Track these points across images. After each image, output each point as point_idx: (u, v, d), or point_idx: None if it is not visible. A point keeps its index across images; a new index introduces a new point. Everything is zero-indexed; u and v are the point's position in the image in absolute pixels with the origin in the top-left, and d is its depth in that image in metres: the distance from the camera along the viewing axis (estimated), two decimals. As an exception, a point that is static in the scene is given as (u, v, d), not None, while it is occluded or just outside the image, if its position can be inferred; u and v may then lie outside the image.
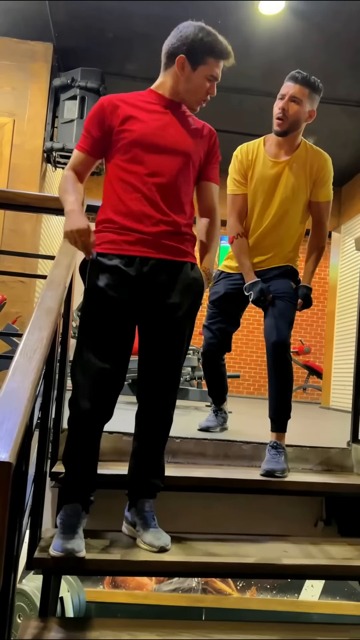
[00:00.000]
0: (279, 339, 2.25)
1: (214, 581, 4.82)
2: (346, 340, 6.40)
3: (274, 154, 2.36)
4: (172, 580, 4.77)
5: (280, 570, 1.88)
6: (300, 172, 2.33)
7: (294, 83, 2.26)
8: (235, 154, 2.43)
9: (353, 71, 4.58)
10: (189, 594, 4.68)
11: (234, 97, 5.16)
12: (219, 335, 2.57)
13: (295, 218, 2.39)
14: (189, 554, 1.81)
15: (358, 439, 2.44)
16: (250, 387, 9.13)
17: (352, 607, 4.58)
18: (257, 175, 2.36)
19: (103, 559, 1.74)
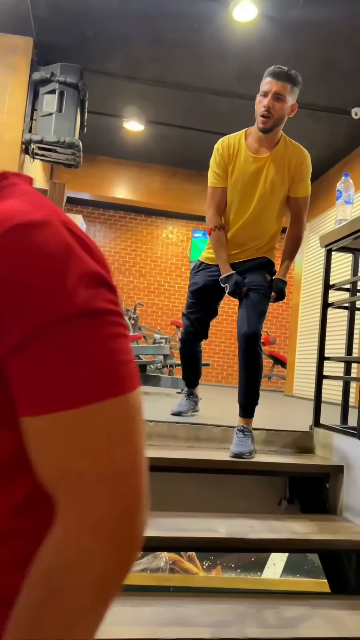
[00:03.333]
0: (250, 330, 2.27)
1: (181, 561, 4.88)
2: (309, 332, 6.53)
3: (255, 149, 2.34)
4: (140, 560, 4.81)
5: (247, 544, 1.93)
6: (279, 168, 2.33)
7: (276, 80, 2.21)
8: (216, 147, 2.40)
9: (320, 78, 4.65)
10: (157, 573, 4.73)
11: (209, 98, 5.18)
12: (196, 324, 2.60)
13: (273, 213, 2.40)
14: (162, 529, 1.85)
15: (319, 423, 2.51)
16: (219, 376, 9.23)
17: (312, 583, 4.70)
18: (238, 170, 2.35)
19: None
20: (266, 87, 2.23)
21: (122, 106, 5.60)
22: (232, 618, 1.58)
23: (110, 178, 7.03)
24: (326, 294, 2.58)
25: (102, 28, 4.27)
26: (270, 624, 1.57)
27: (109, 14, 4.08)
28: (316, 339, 2.62)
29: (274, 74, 2.22)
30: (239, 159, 2.34)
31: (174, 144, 6.37)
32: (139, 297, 9.27)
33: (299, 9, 3.83)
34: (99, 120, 5.78)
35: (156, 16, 4.07)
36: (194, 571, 4.83)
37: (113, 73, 4.90)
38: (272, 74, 2.22)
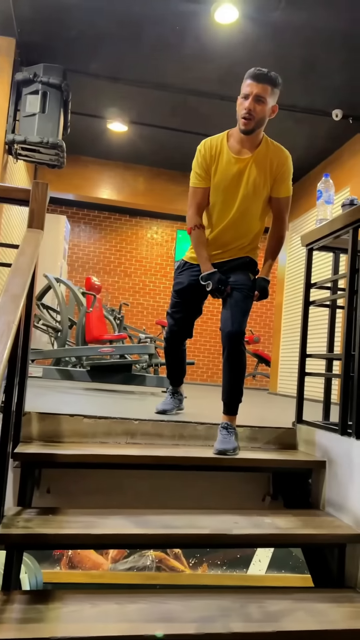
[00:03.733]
0: (234, 329, 2.28)
1: (167, 559, 4.89)
2: (292, 330, 6.58)
3: (237, 150, 2.34)
4: (127, 559, 4.80)
5: (232, 540, 1.94)
6: (261, 169, 2.34)
7: (257, 82, 2.21)
8: (199, 148, 2.39)
9: (301, 80, 4.69)
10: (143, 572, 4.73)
11: (192, 99, 5.19)
12: (181, 323, 2.60)
13: (255, 214, 2.41)
14: (148, 526, 1.85)
15: (302, 420, 2.53)
16: (204, 375, 9.25)
17: (297, 579, 4.75)
18: (220, 171, 2.35)
19: (64, 533, 1.75)
20: (247, 89, 2.23)
21: (106, 107, 5.59)
22: (217, 613, 1.59)
23: (95, 178, 7.01)
24: (308, 292, 2.61)
25: (85, 29, 4.26)
26: (254, 619, 1.58)
27: (92, 14, 4.07)
28: (299, 337, 2.64)
29: (254, 76, 2.21)
30: (221, 160, 2.35)
31: (158, 145, 6.37)
32: (124, 297, 9.25)
33: (279, 12, 3.86)
34: (83, 121, 5.76)
35: (139, 17, 4.07)
36: (180, 569, 4.84)
37: (96, 74, 4.89)
38: (252, 77, 2.22)
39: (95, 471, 2.22)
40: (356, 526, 1.97)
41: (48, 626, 1.42)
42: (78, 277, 9.18)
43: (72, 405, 2.78)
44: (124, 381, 4.55)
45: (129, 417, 2.35)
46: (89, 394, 3.66)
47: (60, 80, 4.48)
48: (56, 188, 6.79)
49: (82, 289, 5.20)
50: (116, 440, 2.30)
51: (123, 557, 4.78)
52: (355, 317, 2.15)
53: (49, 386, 3.98)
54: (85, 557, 4.76)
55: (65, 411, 2.31)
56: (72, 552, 4.73)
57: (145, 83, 5.01)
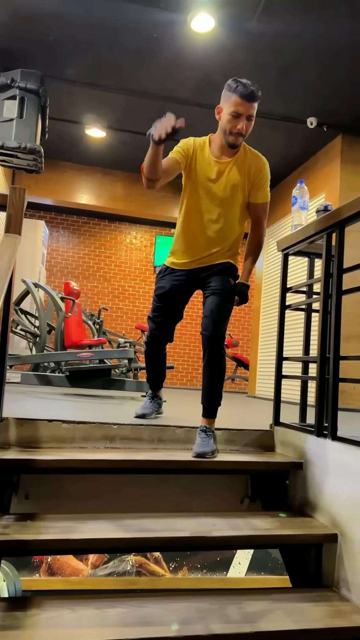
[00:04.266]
0: (214, 332, 2.29)
1: (147, 563, 4.86)
2: (270, 334, 6.63)
3: (217, 155, 2.38)
4: (107, 564, 4.76)
5: (211, 542, 1.94)
6: (240, 175, 2.37)
7: (248, 102, 2.23)
8: (185, 140, 2.40)
9: (277, 89, 4.75)
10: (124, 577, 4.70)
11: (170, 106, 5.20)
12: (162, 327, 2.60)
13: (234, 218, 2.43)
14: (127, 530, 1.84)
15: (279, 422, 2.55)
16: (183, 379, 9.25)
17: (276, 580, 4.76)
18: (200, 170, 2.37)
19: (43, 539, 1.73)
20: (239, 109, 2.24)
21: (84, 113, 5.58)
22: (196, 615, 1.59)
23: (73, 183, 6.98)
24: (284, 297, 2.64)
25: (62, 35, 4.25)
26: (233, 620, 1.59)
27: (69, 20, 4.06)
28: (276, 341, 2.66)
29: (246, 96, 2.22)
30: (203, 159, 2.38)
31: (136, 151, 6.37)
32: (104, 302, 9.21)
33: (254, 22, 3.91)
34: (61, 126, 5.74)
35: (116, 24, 4.08)
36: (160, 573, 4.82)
37: (74, 80, 4.88)
38: (243, 96, 2.22)
39: (74, 476, 2.21)
40: (332, 526, 1.99)
41: (26, 633, 1.41)
42: (57, 282, 9.11)
43: (51, 411, 2.75)
44: (103, 386, 4.53)
45: (108, 422, 2.34)
46: (68, 399, 3.63)
47: (38, 85, 4.46)
48: (34, 193, 6.74)
49: (61, 294, 5.17)
50: (95, 445, 2.29)
51: (103, 563, 4.74)
52: (330, 320, 2.18)
53: (27, 392, 3.94)
54: (65, 563, 4.70)
55: (44, 416, 2.29)
56: (51, 558, 4.68)
57: (122, 90, 5.02)
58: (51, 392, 4.16)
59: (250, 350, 7.63)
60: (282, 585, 3.22)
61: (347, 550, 1.88)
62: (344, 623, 1.65)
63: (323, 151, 5.76)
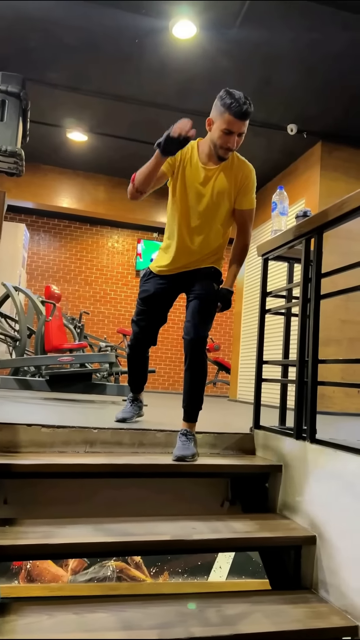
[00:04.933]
0: (196, 336, 2.30)
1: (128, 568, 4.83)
2: (251, 338, 6.67)
3: (205, 161, 2.37)
4: (87, 570, 4.73)
5: (191, 546, 1.95)
6: (226, 181, 2.37)
7: (241, 120, 2.23)
8: None
9: (258, 95, 4.79)
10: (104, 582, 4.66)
11: (152, 111, 5.24)
12: (145, 331, 2.59)
13: (219, 224, 2.43)
14: (107, 535, 1.84)
15: (259, 425, 2.57)
16: (165, 383, 9.25)
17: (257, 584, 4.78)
18: (187, 176, 2.37)
19: (21, 544, 1.72)
20: (232, 126, 2.23)
21: (65, 116, 5.57)
22: (176, 619, 1.59)
23: (55, 187, 6.95)
24: (264, 301, 2.66)
25: (44, 39, 4.24)
26: (212, 623, 1.59)
27: (51, 24, 4.06)
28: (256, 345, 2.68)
29: (239, 115, 2.20)
30: (190, 165, 2.37)
31: (118, 155, 6.38)
32: (85, 306, 9.17)
33: (236, 29, 3.95)
34: (42, 130, 5.72)
35: (97, 29, 4.09)
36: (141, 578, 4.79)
37: (55, 83, 4.87)
38: (237, 115, 2.20)
39: (53, 481, 2.19)
40: (311, 528, 2.01)
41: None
42: (37, 285, 9.04)
43: (30, 415, 2.74)
44: (84, 390, 4.50)
45: (88, 426, 2.33)
46: (48, 404, 3.61)
47: (19, 88, 4.42)
48: (15, 196, 6.69)
49: (42, 298, 5.13)
50: (75, 449, 2.28)
51: (83, 569, 4.70)
52: (308, 324, 2.21)
53: (6, 396, 3.90)
54: (45, 569, 4.65)
55: (23, 421, 2.28)
56: (30, 565, 4.63)
57: (104, 94, 5.02)
58: (31, 396, 4.12)
59: (231, 354, 7.67)
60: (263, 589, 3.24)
61: (326, 552, 1.90)
62: (322, 624, 1.67)
63: (303, 157, 5.84)
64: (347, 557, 1.78)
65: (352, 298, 5.08)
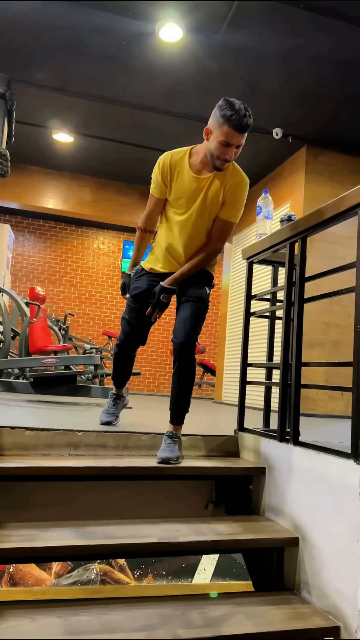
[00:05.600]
0: (186, 341, 2.29)
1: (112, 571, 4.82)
2: (236, 341, 6.70)
3: (197, 169, 2.34)
4: (71, 573, 4.70)
5: (175, 548, 1.95)
6: (218, 189, 2.35)
7: (240, 133, 2.20)
8: (159, 161, 2.38)
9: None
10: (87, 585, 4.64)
11: (138, 113, 5.25)
12: (136, 329, 2.55)
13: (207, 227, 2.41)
14: (91, 538, 1.84)
15: (244, 428, 2.59)
16: (150, 385, 9.24)
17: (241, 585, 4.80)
18: (179, 188, 2.36)
19: (3, 547, 1.71)
20: (231, 139, 2.19)
21: (51, 117, 5.55)
22: (158, 621, 1.60)
23: (40, 188, 6.92)
24: (248, 304, 2.68)
25: (30, 39, 4.23)
26: (195, 624, 1.60)
27: (37, 25, 4.05)
28: (241, 347, 2.70)
29: (239, 128, 2.17)
30: (181, 177, 2.35)
31: (104, 157, 6.38)
32: (70, 307, 9.13)
33: (222, 34, 3.98)
34: (28, 130, 5.70)
35: (84, 31, 4.09)
36: (125, 581, 4.78)
37: (41, 84, 4.86)
38: (237, 128, 2.17)
39: (37, 484, 2.19)
40: (294, 530, 2.03)
41: (-14, 644, 1.39)
42: (22, 286, 8.99)
43: (14, 418, 2.72)
44: (68, 392, 4.48)
45: (73, 429, 2.33)
46: (32, 406, 3.59)
47: (5, 89, 4.42)
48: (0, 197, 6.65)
49: (26, 299, 5.10)
50: (59, 452, 2.28)
51: (67, 572, 4.68)
52: (292, 327, 2.23)
53: (-10, 398, 3.86)
54: (28, 573, 4.62)
55: (6, 423, 2.26)
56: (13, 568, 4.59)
57: (90, 96, 5.02)
58: (15, 398, 4.10)
59: (216, 356, 7.69)
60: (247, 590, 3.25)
61: (308, 554, 1.92)
62: (305, 625, 1.69)
63: (288, 162, 5.89)
64: (328, 558, 1.80)
65: (336, 301, 5.13)
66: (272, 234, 2.50)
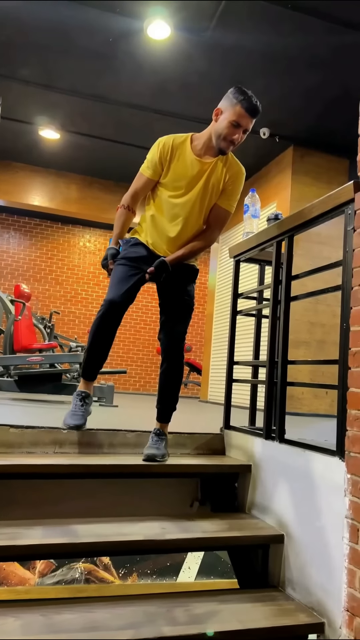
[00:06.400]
0: (176, 339, 2.28)
1: (96, 570, 4.80)
2: (222, 340, 6.72)
3: (199, 154, 2.30)
4: (55, 572, 4.67)
5: (161, 546, 1.95)
6: (218, 177, 2.33)
7: (251, 115, 2.23)
8: (159, 142, 2.32)
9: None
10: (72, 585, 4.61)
11: (125, 111, 5.23)
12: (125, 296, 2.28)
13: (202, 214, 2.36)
14: (76, 536, 1.82)
15: (230, 425, 2.59)
16: (136, 384, 9.22)
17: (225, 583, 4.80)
18: (179, 170, 2.30)
19: (-12, 546, 1.69)
20: (241, 120, 2.22)
21: (37, 114, 5.50)
22: (143, 619, 1.59)
23: (26, 184, 6.86)
24: (235, 302, 2.69)
25: (15, 35, 4.19)
26: (180, 622, 1.60)
27: (23, 21, 4.01)
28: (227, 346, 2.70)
29: (252, 111, 2.21)
30: (182, 160, 2.30)
31: (91, 154, 6.34)
32: (55, 305, 9.07)
33: (210, 32, 3.98)
34: (14, 127, 5.64)
35: (71, 27, 4.05)
36: (109, 580, 4.76)
37: (27, 80, 4.81)
38: (249, 111, 2.21)
39: (22, 482, 2.16)
40: (279, 527, 2.04)
41: (-32, 643, 1.37)
42: (7, 284, 8.90)
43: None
44: (53, 391, 4.45)
45: (58, 427, 2.31)
46: (17, 404, 3.56)
47: (-10, 83, 4.36)
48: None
49: (11, 297, 5.05)
50: (44, 450, 2.26)
51: (51, 571, 4.64)
52: (279, 325, 2.24)
53: (-26, 396, 3.82)
54: (11, 572, 4.58)
55: (-9, 421, 2.24)
56: (-4, 568, 4.54)
57: (77, 92, 4.99)
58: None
59: (202, 355, 7.70)
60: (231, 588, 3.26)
61: (293, 551, 1.93)
62: (289, 621, 1.69)
63: (275, 161, 5.91)
64: (313, 555, 1.81)
65: (321, 301, 5.17)
66: (259, 232, 2.50)
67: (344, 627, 1.58)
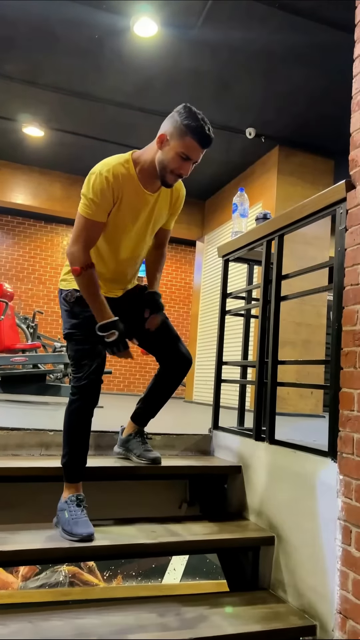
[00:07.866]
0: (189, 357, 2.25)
1: (81, 573, 4.74)
2: (208, 340, 6.70)
3: (145, 183, 2.01)
4: (39, 576, 4.61)
5: (149, 549, 1.92)
6: (165, 202, 2.14)
7: (203, 148, 1.91)
8: (105, 178, 1.93)
9: (217, 98, 4.83)
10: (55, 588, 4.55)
11: (111, 109, 5.18)
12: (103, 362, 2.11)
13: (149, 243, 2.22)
14: (61, 540, 1.78)
15: (218, 426, 2.57)
16: (120, 384, 9.16)
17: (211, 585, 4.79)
18: (128, 203, 2.00)
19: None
20: (192, 153, 1.90)
21: (21, 111, 5.42)
22: (134, 625, 1.56)
23: (9, 182, 6.76)
24: (224, 302, 2.67)
25: (1, 29, 4.11)
26: (171, 627, 1.57)
27: (6, 15, 3.94)
28: (214, 346, 2.68)
29: (204, 142, 1.90)
30: (130, 190, 1.99)
31: (76, 152, 6.27)
32: (38, 305, 8.97)
33: (197, 30, 3.96)
34: (-4, 123, 5.56)
35: (56, 22, 4.00)
36: (94, 582, 4.71)
37: (11, 76, 4.74)
38: (202, 142, 1.89)
39: (7, 485, 2.11)
40: (269, 528, 2.02)
41: None
42: (-11, 283, 8.77)
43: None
44: (37, 392, 4.39)
45: (44, 428, 2.26)
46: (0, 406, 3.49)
47: (-27, 78, 4.28)
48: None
49: (-6, 296, 4.97)
50: (30, 452, 2.21)
51: (34, 574, 4.58)
52: (268, 325, 2.22)
53: None
54: (-6, 577, 4.50)
55: (-25, 423, 2.19)
56: (-21, 573, 4.46)
57: (62, 89, 4.92)
58: (-18, 398, 3.98)
59: (187, 355, 7.66)
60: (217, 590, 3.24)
61: (283, 552, 1.91)
62: (281, 625, 1.68)
63: (261, 161, 5.92)
64: (304, 556, 1.79)
65: (307, 301, 5.18)
66: (248, 231, 2.48)
67: (336, 629, 1.56)
